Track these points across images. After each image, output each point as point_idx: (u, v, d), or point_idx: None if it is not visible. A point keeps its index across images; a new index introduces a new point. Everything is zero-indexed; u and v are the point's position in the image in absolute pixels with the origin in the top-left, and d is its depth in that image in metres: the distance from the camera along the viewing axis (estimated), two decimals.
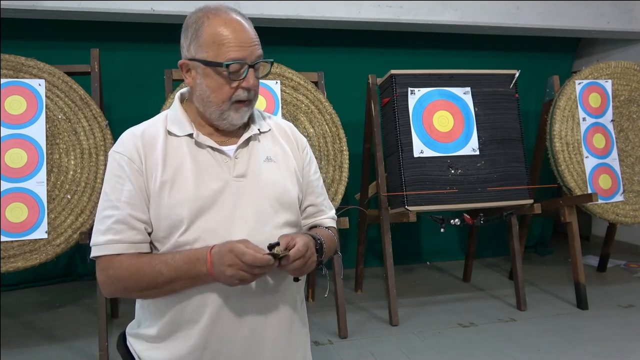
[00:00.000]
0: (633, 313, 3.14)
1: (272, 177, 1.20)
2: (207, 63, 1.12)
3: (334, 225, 1.38)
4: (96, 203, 2.67)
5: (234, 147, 1.20)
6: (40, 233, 2.58)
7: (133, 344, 1.23)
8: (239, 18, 1.15)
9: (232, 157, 1.19)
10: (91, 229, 2.64)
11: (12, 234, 2.54)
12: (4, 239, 2.52)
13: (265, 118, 1.32)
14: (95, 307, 2.64)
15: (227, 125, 1.19)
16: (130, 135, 1.18)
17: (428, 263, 4.46)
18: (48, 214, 2.61)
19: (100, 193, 1.19)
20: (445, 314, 3.18)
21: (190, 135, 1.18)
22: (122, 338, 1.27)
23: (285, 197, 1.20)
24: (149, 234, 1.14)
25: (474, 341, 2.78)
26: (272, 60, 1.19)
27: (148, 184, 1.13)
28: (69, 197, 2.66)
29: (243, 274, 1.02)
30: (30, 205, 2.59)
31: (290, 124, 1.36)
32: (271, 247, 1.06)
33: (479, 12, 3.91)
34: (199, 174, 1.15)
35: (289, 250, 1.06)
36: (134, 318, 1.28)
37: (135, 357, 1.21)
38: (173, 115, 1.21)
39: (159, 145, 1.16)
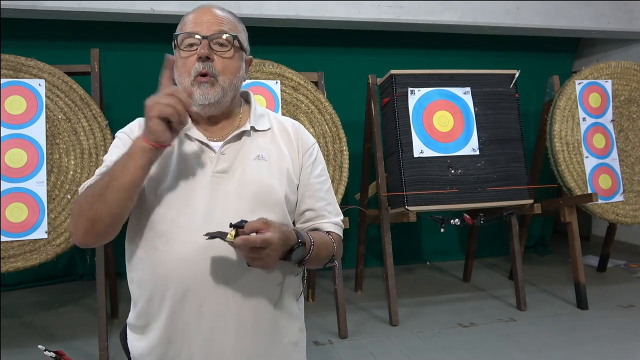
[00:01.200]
0: (633, 313, 3.14)
1: (258, 175, 1.18)
2: (174, 38, 1.21)
3: (337, 231, 1.30)
4: None
5: (222, 142, 1.20)
6: (40, 233, 2.58)
7: (128, 333, 1.26)
8: (211, 8, 1.20)
9: (218, 152, 1.18)
10: None
11: (12, 234, 2.54)
12: (4, 239, 2.52)
13: (267, 117, 1.30)
14: (95, 307, 2.64)
15: (195, 105, 1.16)
16: (137, 122, 1.28)
17: (428, 263, 4.46)
18: (48, 214, 2.61)
19: None
20: (445, 314, 3.18)
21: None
22: (125, 327, 1.30)
23: (268, 197, 1.17)
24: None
25: (474, 341, 2.78)
26: (232, 34, 1.17)
27: None
28: (69, 197, 2.66)
29: (161, 101, 1.01)
30: (30, 205, 2.59)
31: (297, 125, 1.33)
32: (235, 226, 1.02)
33: (479, 12, 3.91)
34: (180, 167, 1.16)
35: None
36: (122, 329, 1.31)
37: (129, 346, 1.25)
38: None
39: None
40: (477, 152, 3.15)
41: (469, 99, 3.22)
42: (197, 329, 1.13)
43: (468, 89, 3.23)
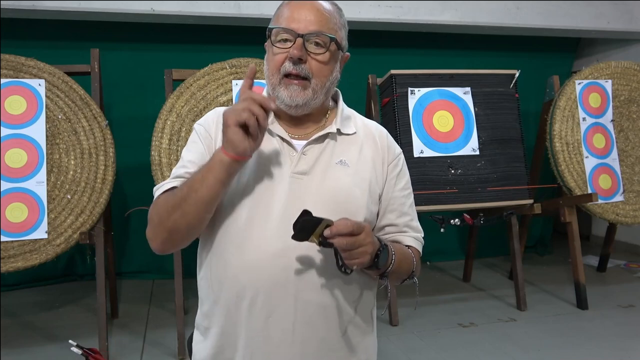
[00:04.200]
0: (633, 313, 3.15)
1: (339, 181, 1.10)
2: (268, 31, 1.11)
3: (417, 246, 1.21)
4: (96, 203, 2.68)
5: (305, 142, 1.12)
6: (40, 233, 2.58)
7: (195, 334, 1.21)
8: (314, 1, 1.11)
9: (300, 152, 1.11)
10: (91, 228, 2.66)
11: (12, 234, 2.54)
12: (4, 239, 2.52)
13: (355, 120, 1.23)
14: (95, 307, 2.64)
15: (281, 105, 1.10)
16: (213, 113, 1.18)
17: (428, 263, 4.45)
18: (48, 214, 2.61)
19: (100, 193, 1.18)
20: (445, 314, 3.18)
21: None
22: (191, 335, 1.25)
23: (348, 205, 1.08)
24: None
25: (474, 341, 2.78)
26: (330, 36, 1.08)
27: (214, 148, 1.11)
28: (69, 197, 2.66)
29: (237, 108, 0.95)
30: (30, 205, 2.59)
31: (384, 132, 1.24)
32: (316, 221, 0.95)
33: (479, 12, 3.91)
34: (258, 163, 1.09)
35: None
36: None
37: (193, 349, 1.20)
38: None
39: None
40: (477, 152, 3.15)
41: (469, 99, 3.22)
42: (263, 340, 1.06)
43: (468, 89, 3.23)
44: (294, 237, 0.96)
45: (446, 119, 3.17)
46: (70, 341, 1.25)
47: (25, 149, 2.63)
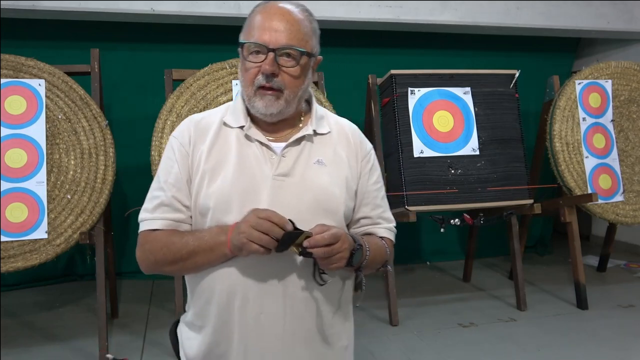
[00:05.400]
0: (633, 313, 3.15)
1: (319, 180, 1.16)
2: (240, 45, 1.14)
3: (390, 236, 1.29)
4: (96, 203, 2.68)
5: (284, 144, 1.17)
6: (40, 233, 2.58)
7: (183, 331, 1.25)
8: (286, 7, 1.13)
9: (279, 154, 1.15)
10: (91, 228, 2.66)
11: (12, 234, 2.54)
12: (4, 239, 2.52)
13: (328, 119, 1.27)
14: (95, 307, 2.64)
15: (257, 114, 1.16)
16: (188, 122, 1.21)
17: (428, 263, 4.45)
18: (48, 214, 2.61)
19: (100, 193, 1.22)
20: (445, 314, 3.18)
21: (242, 128, 1.18)
22: (175, 324, 1.31)
23: (328, 203, 1.15)
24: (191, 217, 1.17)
25: (474, 341, 2.78)
26: (302, 50, 1.11)
27: (192, 169, 1.16)
28: (69, 197, 2.66)
29: (253, 232, 1.00)
30: (30, 205, 2.59)
31: (355, 129, 1.30)
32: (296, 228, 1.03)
33: (479, 12, 3.91)
34: (240, 168, 1.14)
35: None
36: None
37: (180, 343, 1.26)
38: (233, 106, 1.22)
39: (210, 134, 1.17)
40: (477, 152, 3.15)
41: (469, 99, 3.22)
42: (256, 335, 1.12)
43: (468, 89, 3.23)
44: (276, 249, 1.02)
45: (446, 119, 3.17)
46: (107, 355, 1.30)
47: (25, 149, 2.63)
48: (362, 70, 3.49)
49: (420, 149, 3.08)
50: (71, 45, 3.54)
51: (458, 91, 3.22)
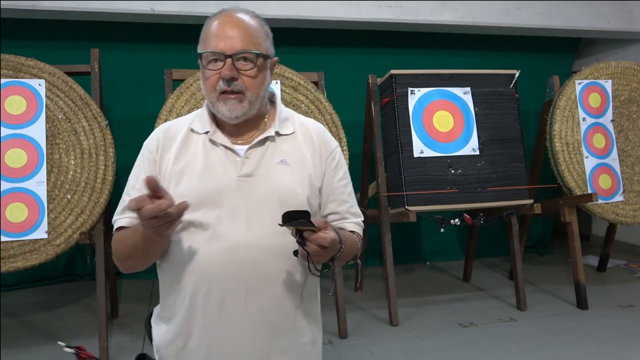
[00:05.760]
0: (633, 313, 3.15)
1: (281, 179, 1.21)
2: (198, 55, 1.21)
3: (359, 231, 1.34)
4: (96, 203, 2.68)
5: (247, 146, 1.23)
6: (40, 233, 2.58)
7: (153, 321, 1.32)
8: (237, 15, 1.19)
9: (243, 156, 1.21)
10: (91, 228, 2.67)
11: (12, 234, 2.54)
12: (4, 239, 2.52)
13: (292, 121, 1.32)
14: (95, 307, 2.64)
15: (222, 118, 1.21)
16: (157, 130, 1.29)
17: (428, 263, 4.46)
18: (48, 214, 2.61)
19: (100, 193, 1.24)
20: (445, 314, 3.18)
21: (207, 133, 1.24)
22: (150, 315, 1.36)
23: (291, 200, 1.18)
24: None
25: (474, 341, 2.78)
26: (257, 52, 1.17)
27: (160, 174, 1.22)
28: (69, 197, 2.66)
29: (149, 223, 1.02)
30: (30, 205, 2.59)
31: (320, 129, 1.35)
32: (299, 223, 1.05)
33: (479, 12, 3.91)
34: (206, 171, 1.19)
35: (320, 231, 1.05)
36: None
37: (153, 334, 1.31)
38: (201, 113, 1.29)
39: (178, 140, 1.24)
40: (477, 152, 3.15)
41: (469, 99, 3.22)
42: (217, 327, 1.17)
43: (468, 89, 3.23)
44: (283, 216, 1.03)
45: (446, 119, 3.17)
46: (59, 342, 1.32)
47: (25, 149, 2.64)
48: (362, 70, 3.48)
49: (420, 149, 3.08)
50: (71, 45, 3.54)
51: (458, 91, 3.22)
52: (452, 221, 3.06)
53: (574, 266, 3.29)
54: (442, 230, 3.03)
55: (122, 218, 1.22)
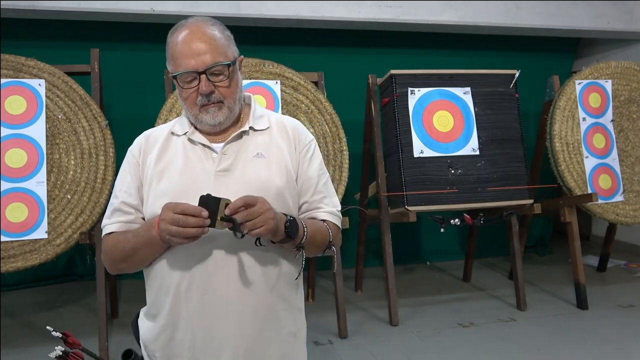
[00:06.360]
0: (633, 313, 3.15)
1: (258, 172, 1.25)
2: (173, 77, 1.28)
3: (332, 220, 1.35)
4: (96, 203, 2.68)
5: (223, 143, 1.28)
6: (40, 233, 2.58)
7: (140, 319, 1.36)
8: (199, 28, 1.25)
9: (220, 152, 1.26)
10: (91, 228, 2.66)
11: (12, 234, 2.54)
12: (4, 239, 2.52)
13: (267, 117, 1.36)
14: (95, 307, 2.64)
15: (206, 127, 1.27)
16: (140, 136, 1.37)
17: (428, 263, 4.46)
18: (48, 214, 2.61)
19: (100, 193, 1.26)
20: (445, 314, 3.18)
21: (187, 133, 1.30)
22: (137, 315, 1.40)
23: (268, 191, 1.22)
24: (143, 218, 1.28)
25: (474, 341, 2.78)
26: (227, 62, 1.23)
27: (142, 176, 1.29)
28: (69, 197, 2.66)
29: (171, 228, 1.08)
30: (30, 205, 2.59)
31: (295, 124, 1.39)
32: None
33: (479, 12, 3.91)
34: (185, 168, 1.26)
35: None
36: (134, 317, 1.40)
37: (140, 331, 1.37)
38: (180, 119, 1.36)
39: (159, 144, 1.31)
40: (477, 152, 3.15)
41: (469, 99, 3.22)
42: (200, 317, 1.20)
43: (468, 89, 3.23)
44: (200, 199, 1.09)
45: (446, 119, 3.17)
46: (47, 327, 1.34)
47: (25, 149, 2.64)
48: (362, 70, 3.48)
49: (420, 149, 3.08)
50: (71, 45, 3.54)
51: (458, 91, 3.22)
52: (452, 221, 3.06)
53: (574, 266, 3.29)
54: (442, 230, 3.03)
55: (113, 223, 1.27)
